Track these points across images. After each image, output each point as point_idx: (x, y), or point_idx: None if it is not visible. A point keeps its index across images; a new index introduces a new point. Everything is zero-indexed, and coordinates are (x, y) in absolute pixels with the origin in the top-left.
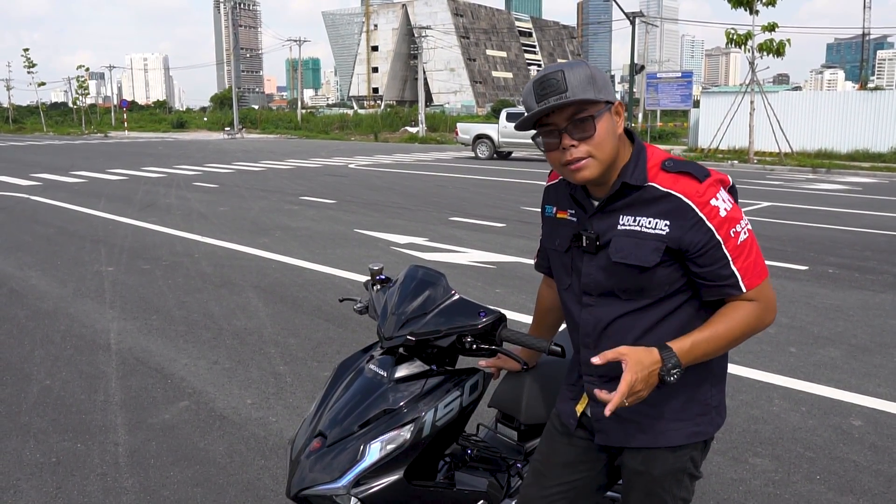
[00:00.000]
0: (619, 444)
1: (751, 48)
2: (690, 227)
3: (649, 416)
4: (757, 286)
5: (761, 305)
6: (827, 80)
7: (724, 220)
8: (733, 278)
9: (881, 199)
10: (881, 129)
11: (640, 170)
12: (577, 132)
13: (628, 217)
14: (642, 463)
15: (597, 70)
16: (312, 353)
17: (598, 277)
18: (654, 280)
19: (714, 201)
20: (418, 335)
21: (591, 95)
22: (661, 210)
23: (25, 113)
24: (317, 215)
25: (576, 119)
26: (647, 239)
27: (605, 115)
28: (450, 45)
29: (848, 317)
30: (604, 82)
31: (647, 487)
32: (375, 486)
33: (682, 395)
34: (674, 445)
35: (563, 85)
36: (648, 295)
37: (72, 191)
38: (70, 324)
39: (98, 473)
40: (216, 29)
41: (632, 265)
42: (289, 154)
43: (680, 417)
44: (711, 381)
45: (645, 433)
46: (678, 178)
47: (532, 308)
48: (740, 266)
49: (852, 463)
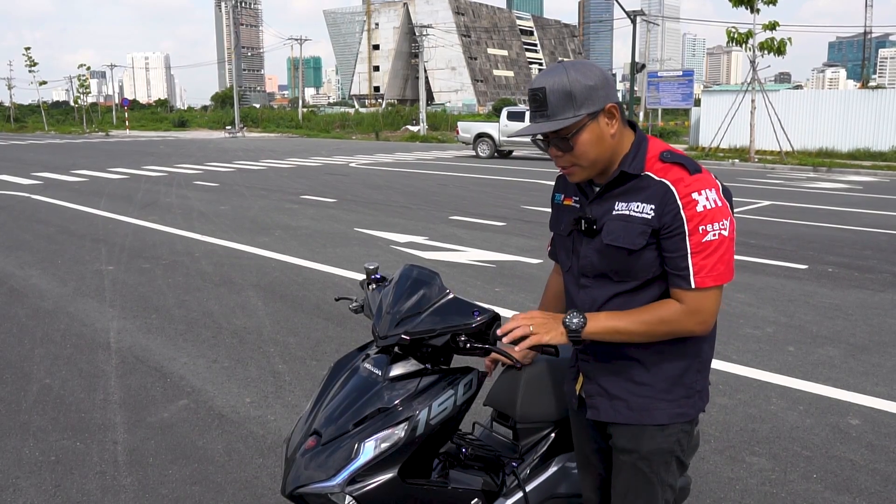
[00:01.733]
0: (608, 419)
1: (752, 47)
2: (668, 212)
3: (637, 394)
4: (706, 287)
5: (688, 309)
6: (828, 79)
7: (699, 214)
8: (686, 271)
9: (882, 198)
10: (882, 127)
11: (639, 160)
12: (561, 146)
13: (622, 203)
14: (630, 440)
15: (576, 82)
16: (311, 352)
17: (593, 259)
18: (641, 262)
19: (696, 195)
20: (413, 334)
21: (568, 115)
22: (650, 195)
23: (27, 112)
24: (317, 214)
25: (557, 136)
26: (635, 223)
27: (586, 128)
28: (451, 43)
29: (847, 316)
30: (585, 94)
31: (635, 466)
32: (370, 484)
33: (669, 377)
34: (659, 423)
35: (545, 103)
36: (636, 276)
37: (73, 190)
38: (70, 322)
39: (97, 472)
40: (217, 28)
41: (621, 247)
42: (289, 153)
43: (665, 398)
44: (697, 367)
45: (632, 410)
46: (671, 167)
47: (531, 307)
48: (696, 262)
49: (849, 462)
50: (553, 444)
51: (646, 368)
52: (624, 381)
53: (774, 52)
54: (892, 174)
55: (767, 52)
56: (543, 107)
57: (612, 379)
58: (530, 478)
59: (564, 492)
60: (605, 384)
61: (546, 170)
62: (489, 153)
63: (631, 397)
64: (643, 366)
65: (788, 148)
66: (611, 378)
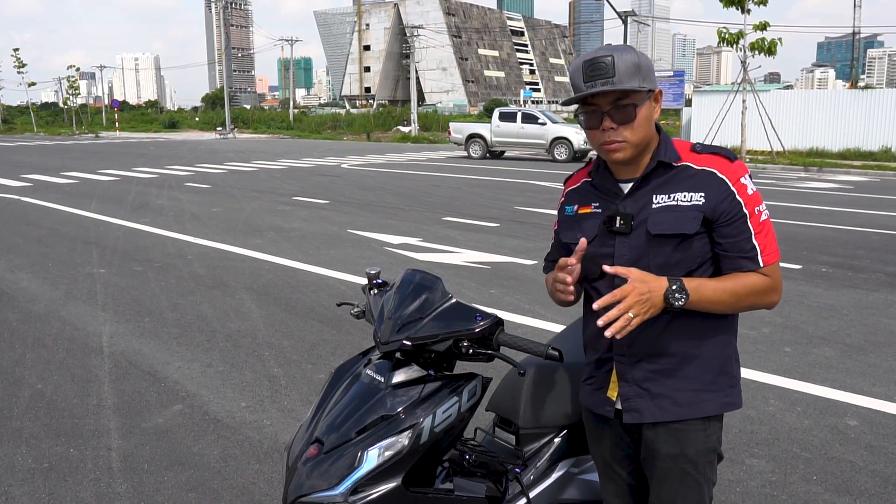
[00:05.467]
0: (653, 419)
1: (742, 47)
2: (723, 199)
3: (684, 388)
4: (771, 264)
5: (771, 282)
6: (818, 79)
7: (751, 197)
8: (754, 251)
9: (873, 198)
10: (872, 127)
11: (672, 151)
12: (619, 117)
13: (662, 196)
14: (675, 444)
15: (644, 57)
16: (307, 356)
17: (631, 256)
18: (689, 252)
19: (743, 179)
20: (415, 340)
21: (635, 84)
22: (696, 184)
23: (16, 113)
24: (309, 216)
25: (619, 104)
26: (686, 210)
27: (646, 103)
28: (442, 44)
29: (842, 316)
30: (648, 70)
31: (682, 471)
32: (373, 493)
33: (714, 368)
34: (708, 416)
35: (612, 70)
36: (679, 268)
37: (63, 192)
38: (62, 327)
39: (91, 479)
40: (208, 29)
41: (672, 235)
42: (281, 154)
43: (712, 389)
44: (735, 358)
45: (680, 406)
46: (711, 157)
47: (527, 308)
48: (761, 242)
49: (849, 463)
50: (556, 449)
51: (689, 362)
52: (668, 378)
53: (765, 52)
54: (882, 173)
55: (758, 52)
56: (609, 74)
57: (654, 377)
58: (534, 484)
59: (568, 497)
60: (647, 384)
61: (538, 170)
62: (481, 154)
63: (677, 393)
64: (686, 360)
65: (779, 148)
66: (653, 377)
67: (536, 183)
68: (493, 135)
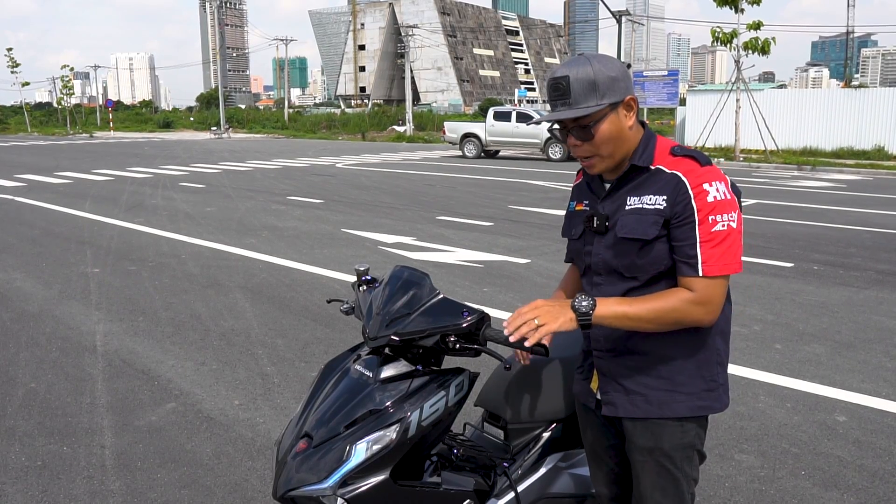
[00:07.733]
0: (626, 414)
1: (736, 46)
2: (679, 201)
3: (655, 388)
4: (713, 276)
5: (696, 298)
6: (811, 78)
7: (709, 204)
8: (694, 259)
9: (865, 196)
10: (865, 126)
11: (648, 153)
12: (580, 135)
13: (634, 198)
14: (651, 438)
15: (601, 72)
16: (300, 354)
17: (605, 256)
18: (651, 255)
19: (707, 185)
20: (403, 335)
21: (592, 103)
22: (662, 187)
23: (9, 113)
24: (304, 215)
25: (579, 124)
26: (648, 214)
27: (608, 117)
28: (437, 43)
29: (833, 313)
30: (608, 85)
31: (659, 464)
32: (362, 486)
33: (688, 370)
34: (679, 416)
35: (567, 91)
36: (646, 271)
37: (57, 192)
38: (56, 326)
39: (84, 476)
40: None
41: (634, 239)
42: (276, 154)
43: (684, 391)
44: (717, 360)
45: (651, 404)
46: (682, 160)
47: (519, 306)
48: (705, 251)
49: (837, 458)
50: (544, 444)
51: (663, 362)
52: (641, 375)
53: (759, 51)
54: (875, 172)
55: (752, 51)
56: (566, 95)
57: (628, 374)
58: (522, 478)
59: (556, 492)
60: (622, 380)
61: (532, 170)
62: (476, 153)
63: (649, 391)
64: (660, 359)
65: (773, 147)
66: (627, 373)
67: (531, 182)
68: (488, 134)
